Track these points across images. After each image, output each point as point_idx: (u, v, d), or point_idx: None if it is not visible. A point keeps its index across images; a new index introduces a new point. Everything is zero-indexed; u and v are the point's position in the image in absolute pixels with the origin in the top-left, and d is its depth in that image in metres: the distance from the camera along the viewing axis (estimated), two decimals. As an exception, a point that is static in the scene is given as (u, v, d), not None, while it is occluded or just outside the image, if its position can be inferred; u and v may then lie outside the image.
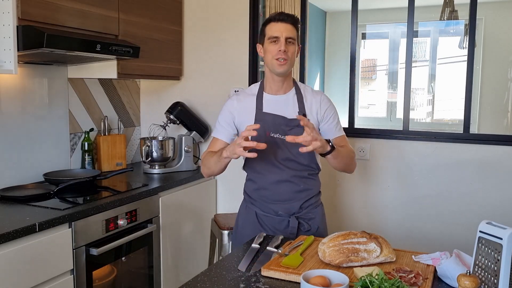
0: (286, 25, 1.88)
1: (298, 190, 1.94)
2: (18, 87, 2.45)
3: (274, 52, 1.87)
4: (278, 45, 1.86)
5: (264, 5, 3.25)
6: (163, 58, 3.00)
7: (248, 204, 2.03)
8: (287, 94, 1.97)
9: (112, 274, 2.34)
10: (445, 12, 4.37)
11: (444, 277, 1.37)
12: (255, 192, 1.99)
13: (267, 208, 1.96)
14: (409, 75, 2.84)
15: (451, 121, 6.20)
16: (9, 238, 1.73)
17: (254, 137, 1.86)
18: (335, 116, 1.99)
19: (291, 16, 1.91)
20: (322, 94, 2.02)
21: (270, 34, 1.88)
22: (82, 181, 2.44)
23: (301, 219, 1.95)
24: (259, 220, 1.98)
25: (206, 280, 1.38)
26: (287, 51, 1.86)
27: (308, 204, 1.97)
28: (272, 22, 1.90)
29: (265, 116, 1.92)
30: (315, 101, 1.96)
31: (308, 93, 1.99)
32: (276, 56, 1.86)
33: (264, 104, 1.95)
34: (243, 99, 1.99)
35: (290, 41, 1.88)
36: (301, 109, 1.93)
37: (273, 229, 1.95)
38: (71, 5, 2.27)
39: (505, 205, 2.61)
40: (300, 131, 1.81)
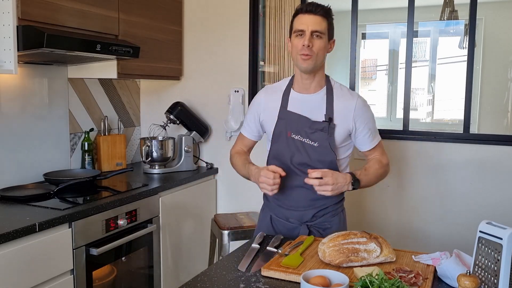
0: (313, 17, 1.72)
1: (315, 198, 1.79)
2: (18, 87, 2.45)
3: (299, 46, 1.73)
4: (303, 39, 1.72)
5: (264, 5, 3.24)
6: (163, 58, 3.00)
7: (265, 206, 1.99)
8: (316, 94, 1.82)
9: (112, 274, 2.34)
10: (445, 12, 4.37)
11: (444, 277, 1.37)
12: None
13: (280, 213, 1.89)
14: (409, 75, 2.84)
15: (451, 121, 6.20)
16: (9, 238, 1.73)
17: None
18: (370, 124, 1.83)
19: (321, 7, 1.74)
20: (357, 98, 1.82)
21: (296, 27, 1.75)
22: (82, 181, 2.44)
23: (314, 228, 1.84)
24: (273, 224, 1.92)
25: (206, 280, 1.38)
26: (311, 45, 1.71)
27: (324, 213, 1.84)
28: (299, 13, 1.75)
29: (288, 115, 1.81)
30: (348, 106, 1.79)
31: (342, 95, 1.82)
32: (301, 51, 1.72)
33: (290, 102, 1.83)
34: (270, 94, 1.90)
35: (317, 35, 1.72)
36: (328, 112, 1.78)
37: (285, 235, 1.83)
38: (71, 5, 2.27)
39: (505, 205, 2.61)
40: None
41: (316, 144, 1.78)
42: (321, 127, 1.76)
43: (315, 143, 1.78)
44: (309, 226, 1.85)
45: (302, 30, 1.72)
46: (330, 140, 1.77)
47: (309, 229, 1.85)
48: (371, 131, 1.84)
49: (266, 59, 3.35)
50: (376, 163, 1.86)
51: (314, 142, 1.78)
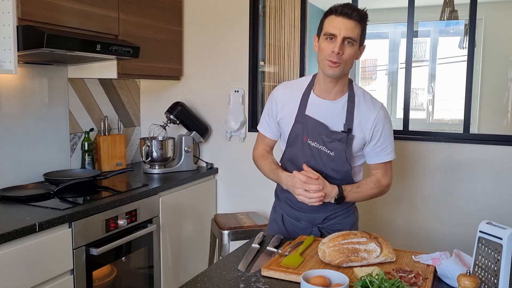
0: (348, 22, 1.59)
1: (325, 202, 1.73)
2: (18, 87, 2.45)
3: (328, 51, 1.61)
4: (333, 45, 1.60)
5: (264, 5, 3.24)
6: (163, 58, 3.00)
7: (276, 205, 1.96)
8: (337, 101, 1.73)
9: (112, 274, 2.34)
10: (445, 12, 4.37)
11: (444, 277, 1.37)
12: (282, 193, 1.88)
13: (291, 213, 1.87)
14: (409, 75, 2.84)
15: (451, 121, 6.19)
16: (9, 238, 1.73)
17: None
18: (385, 139, 1.75)
19: (357, 11, 1.61)
20: (380, 108, 1.74)
21: (326, 30, 1.62)
22: (82, 181, 2.44)
23: (325, 230, 1.82)
24: (284, 222, 1.91)
25: (206, 280, 1.38)
26: (341, 53, 1.60)
27: (335, 216, 1.82)
28: (332, 14, 1.62)
29: (306, 119, 1.73)
30: (368, 116, 1.71)
31: (365, 103, 1.73)
32: (329, 57, 1.61)
33: (308, 105, 1.74)
34: (288, 93, 1.81)
35: (349, 42, 1.61)
36: (348, 123, 1.70)
37: (296, 235, 1.82)
38: (71, 5, 2.27)
39: (505, 205, 2.61)
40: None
41: (332, 154, 1.72)
42: (339, 137, 1.70)
43: (332, 152, 1.72)
44: (320, 228, 1.83)
45: (334, 34, 1.60)
46: (347, 151, 1.72)
47: (320, 231, 1.83)
48: (388, 145, 1.77)
49: (266, 59, 3.35)
50: (372, 182, 1.79)
51: (331, 151, 1.72)
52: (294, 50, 3.53)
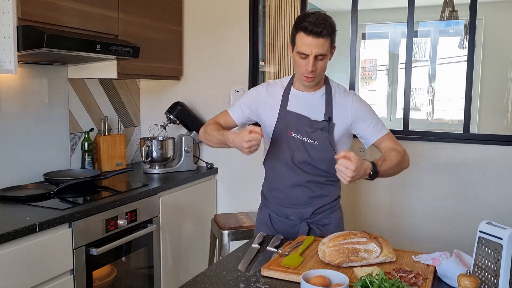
0: (318, 40, 1.65)
1: (313, 196, 1.85)
2: (18, 87, 2.45)
3: (302, 68, 1.72)
4: (306, 62, 1.70)
5: (264, 5, 3.24)
6: (163, 58, 3.00)
7: (263, 206, 2.01)
8: (315, 93, 1.83)
9: (112, 274, 2.34)
10: (445, 12, 4.37)
11: (444, 277, 1.37)
12: (269, 192, 1.94)
13: (280, 211, 1.91)
14: (409, 75, 2.84)
15: (451, 121, 6.20)
16: (9, 238, 1.73)
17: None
18: (370, 116, 1.83)
19: (326, 28, 1.66)
20: (353, 95, 1.86)
21: (299, 48, 1.70)
22: (82, 181, 2.44)
23: (313, 225, 1.87)
24: (272, 222, 1.94)
25: (206, 280, 1.38)
26: (315, 69, 1.71)
27: (322, 210, 1.87)
28: (303, 32, 1.67)
29: (288, 114, 1.83)
30: (345, 104, 1.82)
31: (339, 94, 1.84)
32: (304, 73, 1.73)
33: (290, 100, 1.84)
34: (271, 91, 1.89)
35: (320, 58, 1.70)
36: (328, 112, 1.80)
37: (285, 232, 1.87)
38: (71, 5, 2.27)
39: (505, 205, 2.61)
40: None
41: (316, 143, 1.80)
42: (321, 126, 1.78)
43: (315, 141, 1.80)
44: (308, 223, 1.88)
45: (305, 53, 1.68)
46: (330, 139, 1.80)
47: (309, 225, 1.87)
48: (374, 122, 1.83)
49: (266, 59, 3.35)
50: (391, 151, 1.78)
51: (314, 141, 1.80)
52: (294, 50, 3.52)
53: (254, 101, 1.91)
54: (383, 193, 2.88)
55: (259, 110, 1.90)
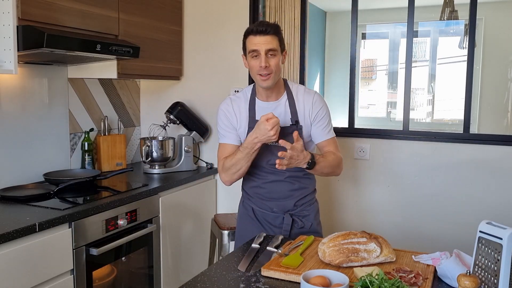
0: (265, 38, 1.81)
1: (293, 188, 1.96)
2: (18, 87, 2.45)
3: (256, 67, 1.83)
4: (259, 60, 1.82)
5: (264, 5, 3.24)
6: (163, 58, 3.00)
7: (245, 200, 2.08)
8: (279, 101, 1.94)
9: (112, 274, 2.34)
10: (445, 12, 4.37)
11: (444, 277, 1.37)
12: (251, 189, 2.02)
13: (263, 205, 2.00)
14: (409, 75, 2.84)
15: (451, 121, 6.20)
16: (9, 238, 1.73)
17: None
18: (326, 118, 1.96)
19: (270, 26, 1.83)
20: (314, 94, 1.97)
21: (250, 48, 1.84)
22: (82, 181, 2.44)
23: (295, 216, 1.98)
24: (256, 215, 2.02)
25: (206, 280, 1.38)
26: (268, 65, 1.81)
27: (302, 202, 1.99)
28: (250, 35, 1.84)
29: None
30: (307, 102, 1.93)
31: (300, 94, 1.95)
32: (258, 71, 1.83)
33: (256, 111, 1.93)
34: (236, 105, 1.97)
35: (271, 54, 1.82)
36: (293, 115, 1.91)
37: (268, 224, 1.99)
38: (71, 5, 2.27)
39: (505, 205, 2.61)
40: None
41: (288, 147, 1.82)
42: (290, 131, 1.83)
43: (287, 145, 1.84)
44: (291, 214, 1.97)
45: (256, 50, 1.81)
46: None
47: (292, 217, 1.97)
48: (326, 123, 1.95)
49: (266, 59, 3.35)
50: (330, 154, 1.92)
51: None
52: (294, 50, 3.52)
53: (226, 119, 1.97)
54: (383, 193, 2.88)
55: (235, 125, 1.97)
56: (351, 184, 2.95)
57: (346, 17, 3.06)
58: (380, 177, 2.88)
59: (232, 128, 1.97)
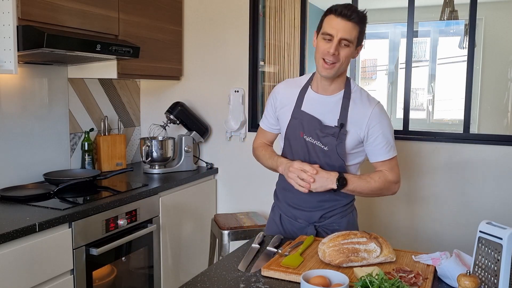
0: (346, 24, 1.61)
1: (323, 199, 1.79)
2: (18, 87, 2.45)
3: (324, 51, 1.64)
4: (329, 45, 1.63)
5: (264, 5, 3.24)
6: (163, 58, 3.00)
7: (275, 205, 1.98)
8: (333, 96, 1.75)
9: (112, 274, 2.34)
10: (445, 12, 4.37)
11: (444, 277, 1.37)
12: (281, 192, 1.91)
13: (289, 212, 1.88)
14: (409, 75, 2.84)
15: (451, 121, 6.20)
16: (9, 238, 1.73)
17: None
18: (385, 134, 1.73)
19: (357, 12, 1.62)
20: (375, 106, 1.73)
21: (324, 29, 1.64)
22: (82, 181, 2.44)
23: (321, 229, 1.83)
24: (282, 222, 1.91)
25: (206, 280, 1.38)
26: (337, 54, 1.63)
27: (332, 214, 1.82)
28: (332, 14, 1.63)
29: (302, 115, 1.77)
30: (363, 113, 1.71)
31: (360, 100, 1.74)
32: (324, 56, 1.65)
33: (305, 101, 1.78)
34: (288, 89, 1.85)
35: (345, 44, 1.63)
36: (342, 118, 1.71)
37: (293, 234, 1.85)
38: (71, 5, 2.27)
39: (505, 205, 2.61)
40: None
41: (326, 148, 1.74)
42: (332, 132, 1.71)
43: (325, 147, 1.74)
44: (316, 226, 1.83)
45: (331, 34, 1.62)
46: (339, 146, 1.72)
47: (317, 229, 1.83)
48: (387, 142, 1.74)
49: (266, 59, 3.35)
50: (377, 175, 1.76)
51: (325, 146, 1.74)
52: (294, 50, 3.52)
53: (273, 104, 1.89)
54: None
55: (277, 112, 1.88)
56: (351, 184, 2.95)
57: (346, 17, 3.06)
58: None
59: (272, 116, 1.90)
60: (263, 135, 1.99)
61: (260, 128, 2.00)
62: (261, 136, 2.00)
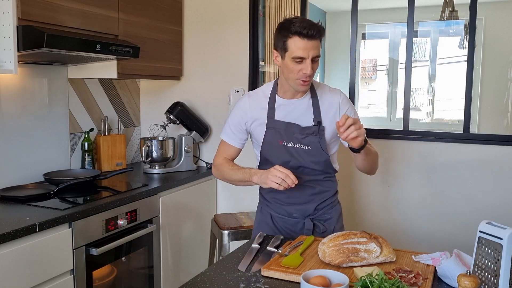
0: (314, 43, 1.63)
1: (314, 192, 1.87)
2: (18, 87, 2.45)
3: (298, 73, 1.67)
4: (304, 67, 1.65)
5: (264, 5, 3.24)
6: (163, 58, 3.00)
7: (263, 206, 2.00)
8: (302, 99, 1.81)
9: (112, 274, 2.34)
10: (445, 12, 4.37)
11: (444, 277, 1.37)
12: (269, 194, 1.94)
13: (282, 210, 1.91)
14: (409, 75, 2.84)
15: (451, 121, 6.20)
16: (9, 238, 1.73)
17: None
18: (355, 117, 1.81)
19: (318, 29, 1.64)
20: (340, 94, 1.85)
21: (294, 54, 1.64)
22: (82, 181, 2.44)
23: (316, 221, 1.89)
24: (274, 222, 1.94)
25: (206, 280, 1.38)
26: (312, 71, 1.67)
27: (324, 205, 1.90)
28: (297, 37, 1.62)
29: (277, 124, 1.81)
30: (332, 103, 1.81)
31: (325, 93, 1.83)
32: (301, 77, 1.68)
33: (276, 110, 1.82)
34: (254, 102, 1.86)
35: (315, 60, 1.67)
36: (316, 116, 1.79)
37: (288, 231, 1.90)
38: (71, 5, 2.27)
39: (505, 205, 2.61)
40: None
41: (309, 148, 1.80)
42: (311, 131, 1.78)
43: (308, 146, 1.80)
44: (312, 219, 1.89)
45: (303, 57, 1.64)
46: (321, 142, 1.80)
47: (312, 221, 1.88)
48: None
49: (266, 59, 3.35)
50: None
51: (307, 146, 1.81)
52: (294, 50, 3.51)
53: (240, 121, 1.88)
54: (383, 193, 2.88)
55: (248, 126, 1.88)
56: (351, 184, 2.95)
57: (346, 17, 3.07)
58: (379, 177, 2.88)
59: (240, 131, 1.89)
60: (227, 151, 1.93)
61: (225, 144, 1.93)
62: (224, 152, 1.94)
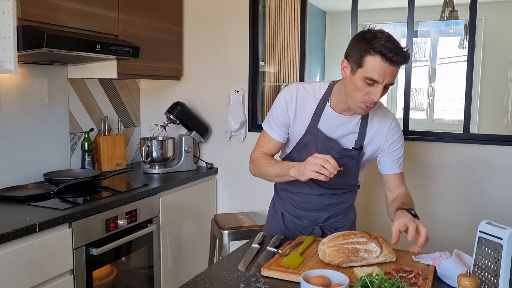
0: (394, 69, 1.46)
1: (330, 203, 1.81)
2: (18, 87, 2.45)
3: (364, 96, 1.51)
4: (373, 91, 1.49)
5: (264, 5, 3.25)
6: (163, 58, 3.00)
7: (276, 202, 1.93)
8: (351, 118, 1.67)
9: (112, 274, 2.34)
10: (445, 12, 4.37)
11: (444, 277, 1.37)
12: (284, 192, 1.87)
13: (293, 212, 1.86)
14: (409, 75, 2.84)
15: (451, 121, 6.20)
16: (9, 238, 1.73)
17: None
18: (400, 150, 1.74)
19: (404, 55, 1.46)
20: (391, 122, 1.71)
21: (369, 74, 1.46)
22: (82, 181, 2.44)
23: (326, 228, 1.84)
24: (285, 221, 1.89)
25: (206, 280, 1.38)
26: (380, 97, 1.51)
27: (337, 215, 1.84)
28: (379, 57, 1.44)
29: (317, 132, 1.69)
30: (381, 129, 1.70)
31: (377, 117, 1.70)
32: (365, 102, 1.52)
33: (322, 118, 1.68)
34: (304, 100, 1.70)
35: (387, 87, 1.51)
36: (360, 140, 1.68)
37: (297, 233, 1.84)
38: (71, 5, 2.27)
39: (505, 205, 2.61)
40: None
41: (341, 168, 1.63)
42: (349, 154, 1.69)
43: (341, 167, 1.63)
44: (321, 226, 1.85)
45: (376, 81, 1.48)
46: (356, 167, 1.73)
47: (322, 229, 1.84)
48: (399, 156, 1.75)
49: (266, 59, 3.35)
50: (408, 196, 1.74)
51: (340, 167, 1.62)
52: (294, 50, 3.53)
53: (285, 115, 1.72)
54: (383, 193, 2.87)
55: (290, 121, 1.73)
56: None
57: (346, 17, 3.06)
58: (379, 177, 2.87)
59: (283, 124, 1.73)
60: (267, 145, 1.78)
61: (266, 137, 1.78)
62: (264, 145, 1.79)
